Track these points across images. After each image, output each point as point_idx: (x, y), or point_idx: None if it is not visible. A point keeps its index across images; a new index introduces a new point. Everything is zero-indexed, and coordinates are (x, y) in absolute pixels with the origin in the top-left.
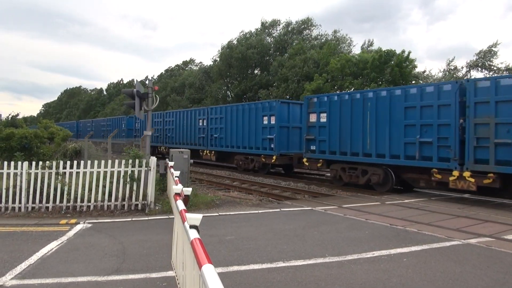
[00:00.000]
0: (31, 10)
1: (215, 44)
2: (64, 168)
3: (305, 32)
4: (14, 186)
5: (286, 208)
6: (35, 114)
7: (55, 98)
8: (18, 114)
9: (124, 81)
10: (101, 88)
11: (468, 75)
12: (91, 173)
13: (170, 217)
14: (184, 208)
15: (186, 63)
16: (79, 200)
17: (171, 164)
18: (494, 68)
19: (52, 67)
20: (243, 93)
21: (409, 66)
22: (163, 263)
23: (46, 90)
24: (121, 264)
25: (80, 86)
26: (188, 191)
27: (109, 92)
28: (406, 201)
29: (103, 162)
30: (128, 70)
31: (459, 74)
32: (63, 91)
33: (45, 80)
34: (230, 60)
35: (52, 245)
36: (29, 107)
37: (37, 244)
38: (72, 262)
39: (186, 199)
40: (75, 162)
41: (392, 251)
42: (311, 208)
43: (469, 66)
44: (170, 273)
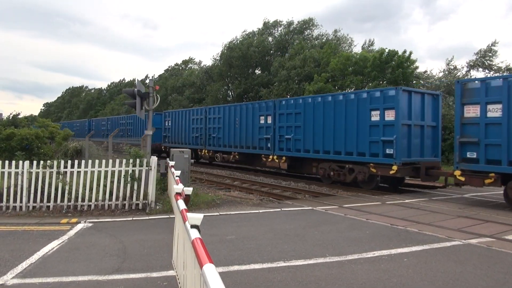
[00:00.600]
0: (32, 10)
1: (216, 44)
2: (65, 168)
3: (306, 32)
4: (15, 185)
5: (287, 208)
6: (36, 114)
7: (56, 98)
8: (19, 114)
9: (126, 81)
10: (101, 88)
11: (469, 75)
12: (92, 173)
13: (171, 217)
14: (185, 208)
15: (186, 62)
16: (80, 200)
17: (172, 164)
18: (495, 68)
19: (53, 67)
20: (244, 93)
21: (411, 67)
22: (164, 263)
23: (47, 90)
24: (122, 264)
25: (82, 86)
26: (189, 191)
27: (110, 92)
28: (407, 201)
29: (104, 162)
30: (129, 70)
31: (459, 74)
32: (65, 90)
33: (46, 80)
34: (231, 60)
35: (53, 244)
36: (30, 107)
37: (38, 243)
38: (73, 262)
39: (187, 199)
40: (76, 162)
41: (393, 251)
42: (312, 208)
43: (469, 66)
44: (171, 273)
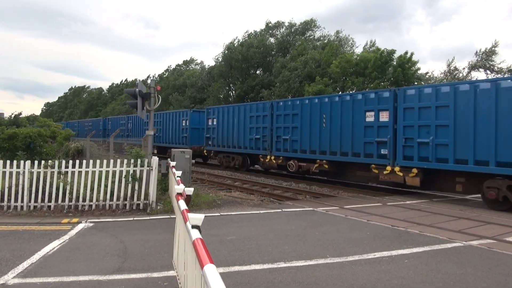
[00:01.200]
0: (33, 9)
1: (218, 44)
2: (66, 168)
3: (308, 33)
4: (17, 185)
5: (288, 209)
6: (37, 113)
7: (57, 98)
8: (21, 113)
9: (128, 80)
10: (101, 87)
11: (470, 76)
12: (93, 173)
13: (172, 217)
14: (186, 208)
15: (187, 63)
16: (81, 200)
17: (173, 164)
18: (496, 69)
19: (54, 66)
20: (245, 94)
21: (412, 68)
22: (165, 263)
23: (48, 89)
24: (123, 264)
25: (84, 86)
26: (190, 191)
27: (111, 92)
28: (408, 202)
29: (105, 162)
30: (131, 70)
31: (460, 75)
32: (68, 90)
33: (47, 79)
34: (231, 61)
35: (54, 244)
36: (32, 106)
37: (39, 243)
38: (74, 261)
39: (188, 199)
40: (77, 162)
41: (394, 252)
42: (313, 209)
43: (470, 67)
44: (172, 273)
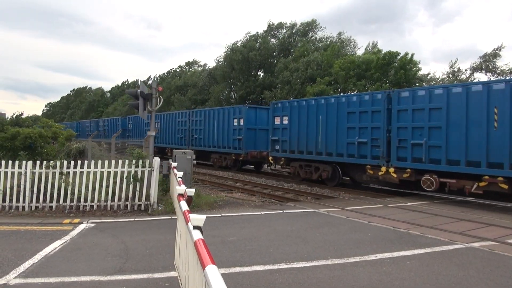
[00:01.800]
0: (35, 9)
1: (219, 45)
2: (68, 168)
3: (310, 34)
4: (18, 185)
5: (289, 210)
6: (39, 114)
7: (59, 98)
8: (23, 114)
9: (129, 81)
10: (101, 87)
11: (472, 78)
12: (95, 173)
13: (173, 218)
14: (188, 209)
15: (190, 64)
16: (83, 200)
17: (174, 165)
18: (498, 71)
19: (56, 67)
20: (247, 95)
21: (413, 69)
22: (166, 264)
23: (50, 90)
24: (124, 264)
25: (86, 86)
26: (192, 192)
27: (113, 93)
28: (409, 204)
29: (107, 162)
30: (132, 70)
31: (463, 77)
32: (71, 91)
33: (49, 80)
34: (233, 63)
35: (56, 244)
36: (34, 107)
37: (41, 243)
38: (75, 262)
39: (189, 200)
40: (79, 162)
41: (395, 254)
42: (314, 210)
43: (473, 69)
44: (173, 274)
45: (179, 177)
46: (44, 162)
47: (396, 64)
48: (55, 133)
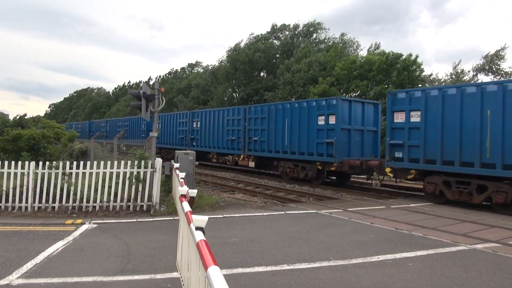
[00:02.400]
0: (37, 10)
1: (222, 45)
2: (71, 169)
3: (313, 35)
4: (21, 186)
5: (291, 211)
6: (42, 114)
7: (62, 99)
8: (26, 114)
9: (132, 82)
10: (102, 88)
11: (475, 79)
12: (97, 174)
13: (175, 219)
14: (190, 210)
15: (192, 65)
16: (85, 201)
17: (177, 166)
18: (502, 72)
19: (58, 67)
20: (249, 96)
21: (416, 70)
22: (168, 264)
23: (53, 90)
24: (126, 265)
25: (89, 88)
26: (194, 193)
27: (115, 93)
28: (412, 205)
29: (109, 163)
30: (135, 71)
31: (466, 78)
32: (74, 92)
33: (51, 80)
34: (236, 63)
35: (58, 245)
36: (36, 107)
37: (43, 244)
38: (78, 262)
39: (192, 201)
40: (81, 163)
41: (398, 256)
42: (316, 211)
43: (476, 70)
44: (175, 274)
45: (182, 178)
46: (47, 163)
47: (399, 65)
48: (57, 134)
